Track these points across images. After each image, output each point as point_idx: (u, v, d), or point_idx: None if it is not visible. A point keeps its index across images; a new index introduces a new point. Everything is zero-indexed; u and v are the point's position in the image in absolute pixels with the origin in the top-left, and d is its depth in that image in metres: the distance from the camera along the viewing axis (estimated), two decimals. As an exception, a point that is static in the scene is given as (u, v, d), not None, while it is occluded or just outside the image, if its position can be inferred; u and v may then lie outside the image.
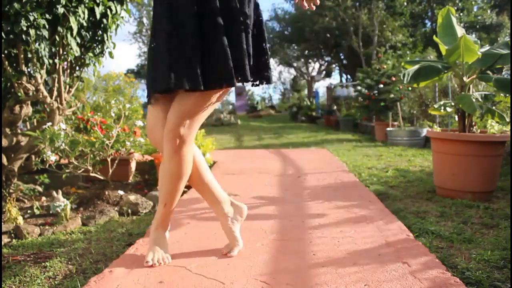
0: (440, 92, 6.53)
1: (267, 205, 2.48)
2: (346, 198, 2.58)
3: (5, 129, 2.66)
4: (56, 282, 1.48)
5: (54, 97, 2.79)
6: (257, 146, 6.75)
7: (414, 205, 2.45)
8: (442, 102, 2.93)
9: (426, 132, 3.79)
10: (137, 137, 3.19)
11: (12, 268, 1.60)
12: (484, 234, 1.87)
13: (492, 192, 2.59)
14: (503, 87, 2.47)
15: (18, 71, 2.47)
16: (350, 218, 2.11)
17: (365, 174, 3.53)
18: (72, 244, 1.89)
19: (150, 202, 2.62)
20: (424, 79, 2.75)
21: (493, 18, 16.18)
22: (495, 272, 1.44)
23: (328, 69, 23.72)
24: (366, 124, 8.71)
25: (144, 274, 1.44)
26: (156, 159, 3.36)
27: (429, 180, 3.18)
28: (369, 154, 5.04)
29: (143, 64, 19.22)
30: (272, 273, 1.43)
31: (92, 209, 2.52)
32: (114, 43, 3.03)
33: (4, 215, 2.20)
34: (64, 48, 2.69)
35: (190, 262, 1.54)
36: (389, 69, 7.72)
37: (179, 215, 2.27)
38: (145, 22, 18.35)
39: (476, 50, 2.47)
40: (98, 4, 2.69)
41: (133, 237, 1.97)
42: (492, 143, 2.50)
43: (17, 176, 2.71)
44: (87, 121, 3.37)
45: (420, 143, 5.92)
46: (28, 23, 2.25)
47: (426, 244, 1.71)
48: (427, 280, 1.32)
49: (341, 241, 1.75)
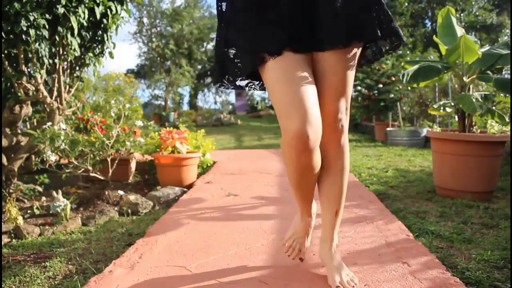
0: (440, 92, 6.53)
1: (267, 205, 2.48)
2: (346, 198, 2.57)
3: (5, 129, 2.66)
4: (56, 282, 1.48)
5: (54, 97, 2.79)
6: (257, 146, 6.75)
7: (414, 205, 2.45)
8: (442, 102, 2.93)
9: (426, 132, 3.79)
10: (137, 137, 3.19)
11: (12, 268, 1.60)
12: (484, 234, 1.87)
13: (492, 192, 2.59)
14: (503, 87, 2.47)
15: (18, 71, 2.47)
16: (350, 218, 2.11)
17: (365, 174, 3.53)
18: (72, 244, 1.89)
19: (150, 202, 2.62)
20: (424, 79, 2.75)
21: (493, 18, 16.17)
22: (495, 272, 1.44)
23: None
24: (366, 124, 8.71)
25: (144, 274, 1.44)
26: (156, 159, 3.36)
27: (429, 180, 3.18)
28: (369, 154, 5.04)
29: (143, 64, 19.19)
30: (272, 273, 1.43)
31: (92, 209, 2.52)
32: (114, 43, 3.03)
33: (4, 215, 2.20)
34: (64, 48, 2.69)
35: (190, 262, 1.54)
36: (388, 69, 7.72)
37: (179, 215, 2.27)
38: (145, 22, 18.35)
39: (476, 50, 2.47)
40: (98, 4, 2.69)
41: (133, 237, 1.97)
42: (492, 143, 2.50)
43: (17, 176, 2.71)
44: (87, 121, 3.37)
45: (420, 143, 5.93)
46: (28, 23, 2.25)
47: (426, 244, 1.71)
48: (427, 280, 1.32)
49: (341, 241, 1.75)
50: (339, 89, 1.22)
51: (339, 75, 1.21)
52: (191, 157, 3.38)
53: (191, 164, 3.40)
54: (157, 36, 18.32)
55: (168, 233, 1.91)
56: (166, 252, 1.66)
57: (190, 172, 3.40)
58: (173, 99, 19.29)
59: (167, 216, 2.26)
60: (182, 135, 3.51)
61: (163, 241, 1.80)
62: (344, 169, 1.33)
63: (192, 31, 18.01)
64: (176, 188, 2.99)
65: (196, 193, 2.87)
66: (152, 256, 1.62)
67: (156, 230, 1.98)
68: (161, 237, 1.86)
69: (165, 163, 3.32)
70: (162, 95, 18.11)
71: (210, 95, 29.14)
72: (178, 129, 3.77)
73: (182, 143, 3.42)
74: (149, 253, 1.65)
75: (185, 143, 3.46)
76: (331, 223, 1.36)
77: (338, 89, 1.22)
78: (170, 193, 2.84)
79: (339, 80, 1.21)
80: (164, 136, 3.43)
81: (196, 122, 13.24)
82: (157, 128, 4.57)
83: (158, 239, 1.82)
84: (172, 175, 3.29)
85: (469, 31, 15.88)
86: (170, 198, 2.79)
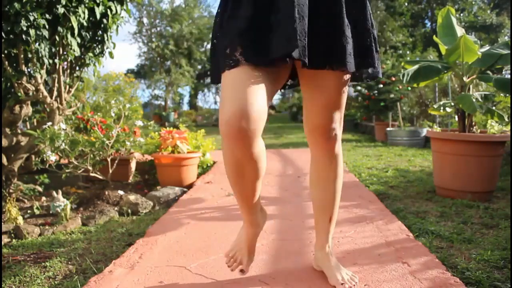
0: (440, 92, 6.53)
1: (267, 205, 2.47)
2: (346, 198, 2.58)
3: (5, 129, 2.66)
4: (56, 282, 1.48)
5: (54, 97, 2.79)
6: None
7: (414, 205, 2.45)
8: (442, 102, 2.93)
9: (426, 132, 3.79)
10: (137, 137, 3.19)
11: (12, 268, 1.60)
12: (484, 234, 1.87)
13: (492, 192, 2.59)
14: (503, 87, 2.47)
15: (18, 71, 2.47)
16: (350, 218, 2.10)
17: (365, 174, 3.53)
18: (72, 244, 1.89)
19: (150, 202, 2.62)
20: (424, 79, 2.75)
21: (493, 18, 16.18)
22: (495, 272, 1.44)
23: (328, 69, 23.67)
24: (366, 124, 8.71)
25: (144, 274, 1.44)
26: (156, 159, 3.36)
27: (429, 180, 3.18)
28: (369, 154, 5.04)
29: (143, 64, 19.19)
30: (272, 273, 1.43)
31: (92, 209, 2.52)
32: (114, 43, 3.03)
33: (4, 215, 2.20)
34: (64, 48, 2.69)
35: (190, 262, 1.54)
36: (389, 69, 7.72)
37: (179, 215, 2.27)
38: (145, 22, 18.35)
39: (476, 50, 2.47)
40: (98, 4, 2.69)
41: (133, 237, 1.97)
42: (492, 143, 2.50)
43: (17, 176, 2.71)
44: (87, 121, 3.37)
45: (420, 143, 5.93)
46: (28, 23, 2.25)
47: (426, 244, 1.71)
48: (427, 280, 1.32)
49: (341, 241, 1.75)
50: (336, 102, 1.23)
51: (339, 90, 1.22)
52: (191, 157, 3.38)
53: (191, 164, 3.40)
54: (157, 36, 18.33)
55: (168, 233, 1.91)
56: (166, 252, 1.66)
57: (190, 172, 3.40)
58: (173, 99, 19.29)
59: (167, 216, 2.26)
60: (182, 135, 3.51)
61: (163, 241, 1.80)
62: (337, 177, 1.34)
63: (192, 31, 18.01)
64: (176, 188, 2.99)
65: (196, 193, 2.87)
66: (152, 256, 1.62)
67: (156, 230, 1.98)
68: (161, 237, 1.86)
69: (165, 163, 3.32)
70: (162, 95, 18.12)
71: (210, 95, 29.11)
72: (178, 129, 3.77)
73: (182, 142, 3.42)
74: (149, 253, 1.65)
75: (185, 143, 3.46)
76: (325, 229, 1.37)
77: (335, 103, 1.23)
78: (170, 193, 2.84)
79: (337, 94, 1.22)
80: (164, 136, 3.43)
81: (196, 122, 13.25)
82: (157, 128, 4.57)
83: (158, 239, 1.82)
84: (172, 175, 3.29)
85: (469, 31, 15.88)
86: (170, 198, 2.79)
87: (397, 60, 8.21)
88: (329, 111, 1.24)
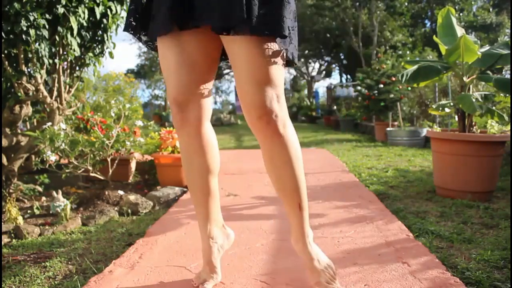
0: (440, 92, 6.53)
1: (267, 205, 2.48)
2: (346, 198, 2.58)
3: (5, 129, 2.66)
4: (56, 282, 1.48)
5: (54, 97, 2.79)
6: (257, 146, 6.74)
7: (414, 205, 2.45)
8: (442, 102, 2.93)
9: (426, 132, 3.79)
10: (137, 137, 3.19)
11: (12, 268, 1.60)
12: (484, 234, 1.87)
13: (492, 192, 2.59)
14: (503, 87, 2.47)
15: (18, 71, 2.48)
16: (350, 218, 2.11)
17: (365, 174, 3.53)
18: (72, 244, 1.89)
19: (150, 202, 2.62)
20: (424, 79, 2.75)
21: (492, 18, 16.18)
22: (495, 272, 1.44)
23: (328, 69, 23.73)
24: (366, 124, 8.71)
25: (144, 274, 1.44)
26: (156, 159, 3.36)
27: (429, 180, 3.18)
28: (369, 154, 5.04)
29: (143, 64, 19.20)
30: (272, 273, 1.43)
31: (92, 209, 2.52)
32: (114, 43, 3.03)
33: (4, 215, 2.20)
34: (64, 48, 2.69)
35: (190, 262, 1.54)
36: (388, 69, 7.72)
37: (179, 215, 2.27)
38: (145, 22, 18.35)
39: (476, 50, 2.47)
40: (98, 4, 2.69)
41: (133, 237, 1.97)
42: (492, 143, 2.50)
43: (17, 176, 2.71)
44: (87, 121, 3.37)
45: (420, 143, 5.93)
46: (28, 23, 2.25)
47: (426, 244, 1.71)
48: (427, 280, 1.32)
49: (341, 241, 1.75)
50: (257, 75, 1.07)
51: (254, 58, 1.07)
52: (191, 157, 3.37)
53: (191, 164, 3.40)
54: (157, 36, 18.30)
55: (168, 233, 1.91)
56: (166, 252, 1.66)
57: (190, 172, 3.39)
58: (173, 99, 19.25)
59: (167, 216, 2.26)
60: (182, 135, 3.50)
61: (163, 241, 1.80)
62: (291, 160, 1.17)
63: (192, 31, 17.98)
64: (176, 188, 2.99)
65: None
66: (152, 256, 1.62)
67: (156, 230, 1.98)
68: (161, 237, 1.86)
69: (165, 163, 3.32)
70: (162, 95, 18.12)
71: (210, 95, 29.07)
72: (178, 129, 3.76)
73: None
74: (149, 253, 1.65)
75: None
76: (297, 218, 1.21)
77: (256, 75, 1.07)
78: (170, 193, 2.84)
79: (256, 67, 1.07)
80: (164, 136, 3.43)
81: (196, 122, 13.20)
82: (157, 128, 4.57)
83: (158, 239, 1.82)
84: (172, 175, 3.28)
85: (469, 31, 15.89)
86: (170, 198, 2.79)
87: (397, 60, 8.21)
88: (256, 85, 1.08)
